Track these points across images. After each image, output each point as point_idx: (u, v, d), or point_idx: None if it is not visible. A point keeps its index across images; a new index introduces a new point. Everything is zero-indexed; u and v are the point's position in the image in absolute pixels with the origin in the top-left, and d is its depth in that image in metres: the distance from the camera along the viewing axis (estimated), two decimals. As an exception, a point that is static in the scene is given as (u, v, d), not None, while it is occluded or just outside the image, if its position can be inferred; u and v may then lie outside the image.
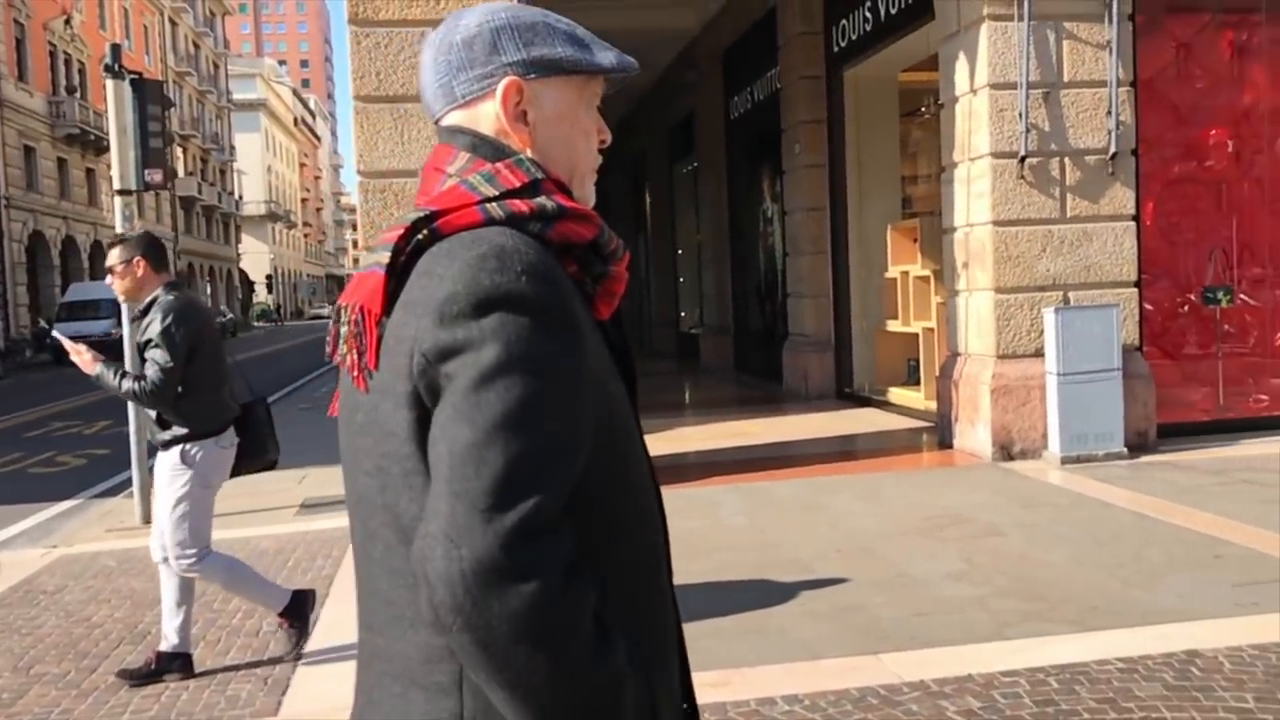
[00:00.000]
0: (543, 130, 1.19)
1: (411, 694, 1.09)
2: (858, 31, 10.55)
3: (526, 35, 1.17)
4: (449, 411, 1.00)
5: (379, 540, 1.11)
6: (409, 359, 1.03)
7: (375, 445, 1.09)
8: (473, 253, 1.03)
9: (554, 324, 1.03)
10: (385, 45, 6.73)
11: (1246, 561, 4.87)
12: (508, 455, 0.97)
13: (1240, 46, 8.99)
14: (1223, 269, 9.04)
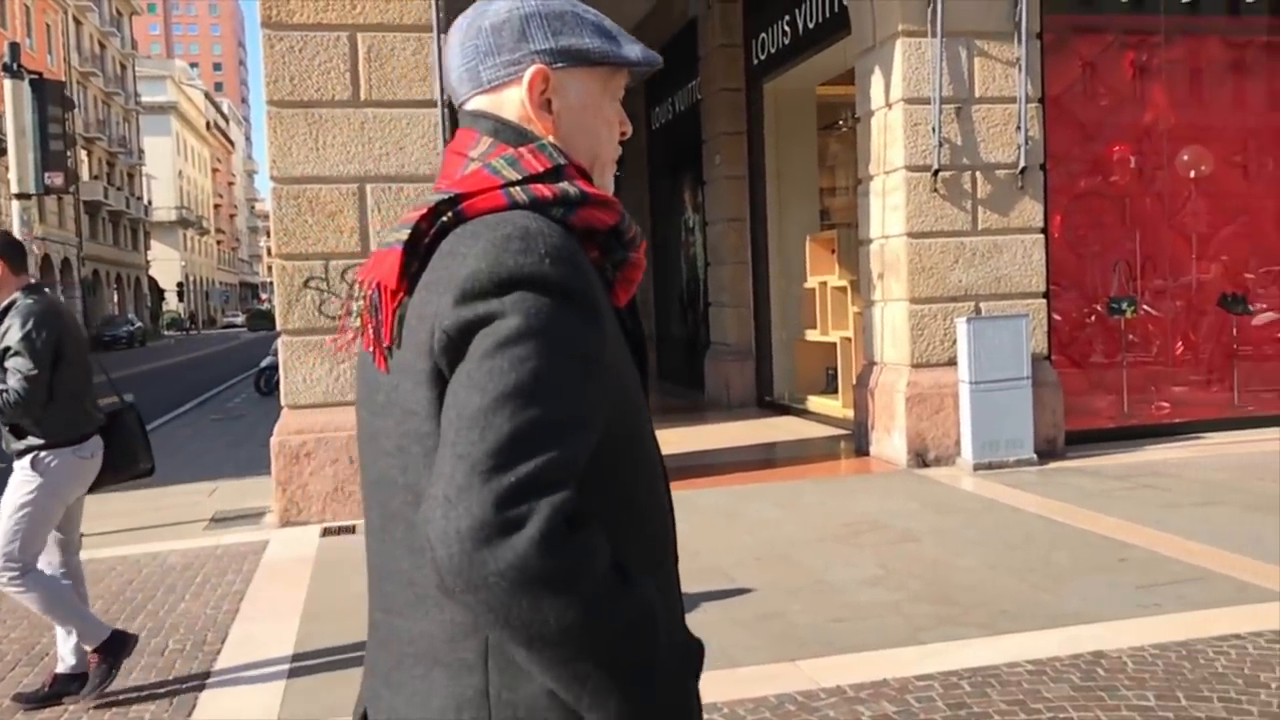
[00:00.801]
0: (567, 119, 1.19)
1: (435, 673, 1.08)
2: (777, 45, 10.69)
3: (555, 24, 1.18)
4: (462, 379, 1.00)
5: (400, 520, 1.10)
6: (430, 336, 1.03)
7: (396, 425, 1.09)
8: (497, 233, 1.04)
9: (575, 306, 1.03)
10: (299, 49, 6.61)
11: (1149, 564, 5.03)
12: (514, 423, 0.96)
13: (1141, 66, 9.33)
14: (1127, 281, 9.36)
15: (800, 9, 9.99)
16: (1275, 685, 3.53)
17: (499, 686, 1.06)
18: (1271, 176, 9.75)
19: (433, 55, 6.76)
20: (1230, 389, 9.42)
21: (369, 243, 6.73)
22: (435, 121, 6.77)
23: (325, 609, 4.88)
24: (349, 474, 6.62)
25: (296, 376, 6.67)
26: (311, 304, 6.67)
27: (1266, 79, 9.59)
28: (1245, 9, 9.38)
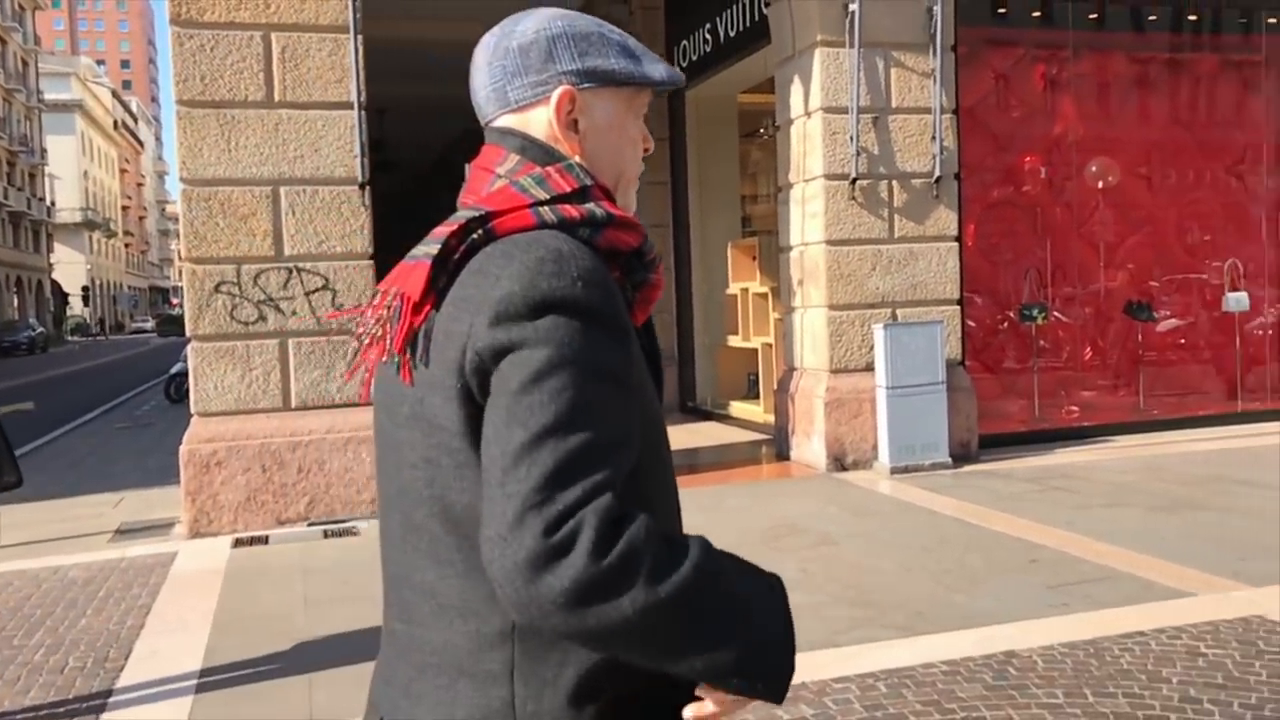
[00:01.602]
0: (592, 139, 1.21)
1: (460, 684, 1.10)
2: (698, 52, 10.75)
3: (581, 45, 1.20)
4: (502, 414, 1.00)
5: (425, 532, 1.12)
6: (460, 354, 1.05)
7: (424, 438, 1.10)
8: (531, 255, 1.05)
9: (606, 328, 1.04)
10: (210, 48, 6.44)
11: (1058, 565, 5.15)
12: (556, 455, 0.97)
13: (1052, 79, 9.59)
14: (1038, 288, 9.61)
15: (721, 17, 10.06)
16: (1176, 680, 3.64)
17: (524, 698, 1.07)
18: (1174, 188, 10.10)
19: (350, 56, 6.64)
20: (1136, 393, 9.73)
21: (283, 246, 6.59)
22: (352, 124, 6.66)
23: (236, 621, 4.75)
24: (261, 483, 6.46)
25: (207, 383, 6.49)
26: (223, 309, 6.50)
27: (1169, 94, 9.95)
28: (1149, 26, 9.72)
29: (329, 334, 6.67)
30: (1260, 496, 6.54)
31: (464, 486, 1.07)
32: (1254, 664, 3.77)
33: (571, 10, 1.25)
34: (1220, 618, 4.26)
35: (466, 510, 1.07)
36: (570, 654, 1.07)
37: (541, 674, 1.07)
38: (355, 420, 6.67)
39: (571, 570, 0.94)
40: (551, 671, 1.08)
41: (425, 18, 13.13)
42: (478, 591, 1.09)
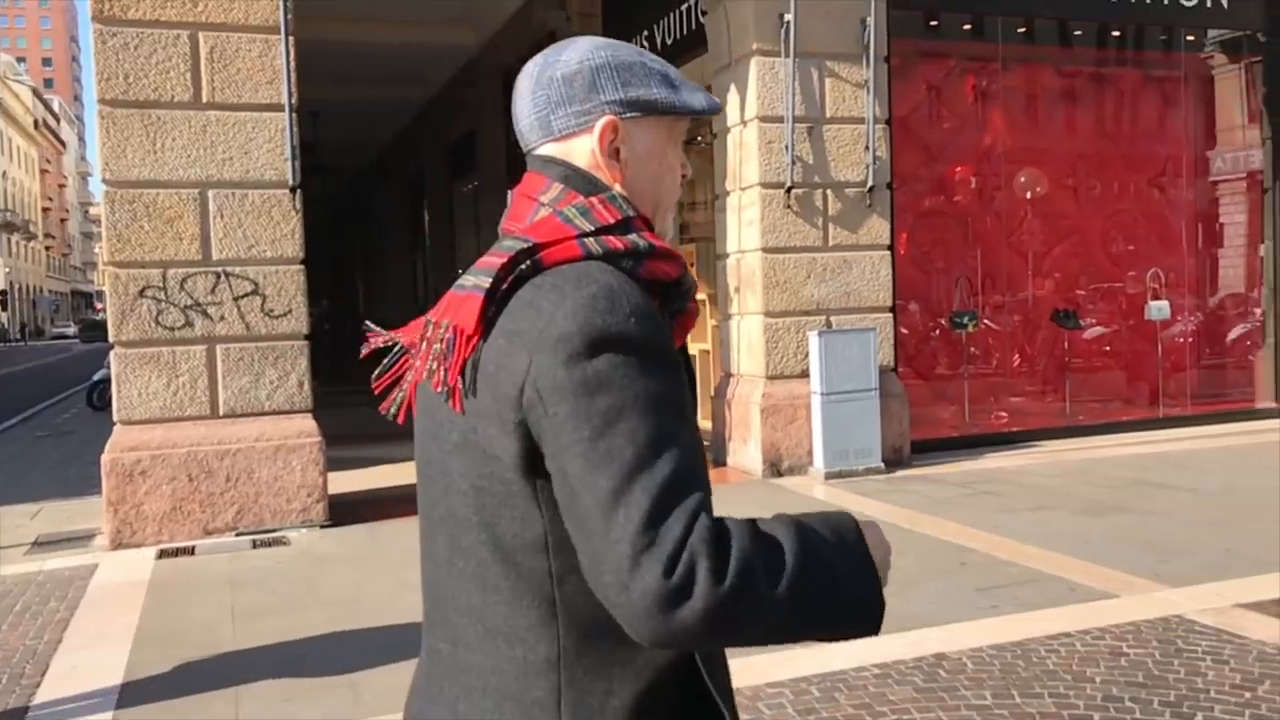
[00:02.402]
0: (634, 167, 1.24)
1: (506, 708, 1.12)
2: (635, 59, 10.76)
3: (624, 75, 1.22)
4: (581, 461, 1.02)
5: (473, 557, 1.14)
6: (518, 391, 1.07)
7: (474, 466, 1.12)
8: (583, 292, 1.07)
9: (660, 361, 1.08)
10: (135, 46, 6.29)
11: (987, 568, 5.24)
12: (649, 493, 1.01)
13: (982, 92, 9.79)
14: (968, 296, 9.79)
15: (659, 25, 10.10)
16: (1100, 680, 3.72)
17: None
18: (1099, 199, 10.37)
19: (281, 57, 6.53)
20: (1063, 399, 9.95)
21: (211, 250, 6.45)
22: (283, 126, 6.55)
23: (159, 634, 4.63)
24: (187, 492, 6.31)
25: (131, 390, 6.32)
26: (148, 314, 6.34)
27: (1094, 107, 10.21)
28: (1075, 41, 9.97)
29: (259, 340, 6.55)
30: (1179, 500, 6.72)
31: (514, 515, 1.10)
32: (1173, 662, 3.87)
33: (612, 39, 1.28)
34: (1142, 618, 4.37)
35: (515, 539, 1.11)
36: (616, 684, 1.11)
37: (589, 703, 1.10)
38: (286, 428, 6.56)
39: (700, 603, 0.98)
40: (598, 700, 1.11)
41: (359, 19, 12.98)
42: (525, 618, 1.12)
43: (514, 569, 1.12)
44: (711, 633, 1.00)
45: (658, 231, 1.25)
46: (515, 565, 1.11)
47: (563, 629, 1.11)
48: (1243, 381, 10.34)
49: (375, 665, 4.16)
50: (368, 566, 5.72)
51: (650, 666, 1.12)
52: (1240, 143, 10.41)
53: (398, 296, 23.74)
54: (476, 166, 16.53)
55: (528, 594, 1.11)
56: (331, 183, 21.00)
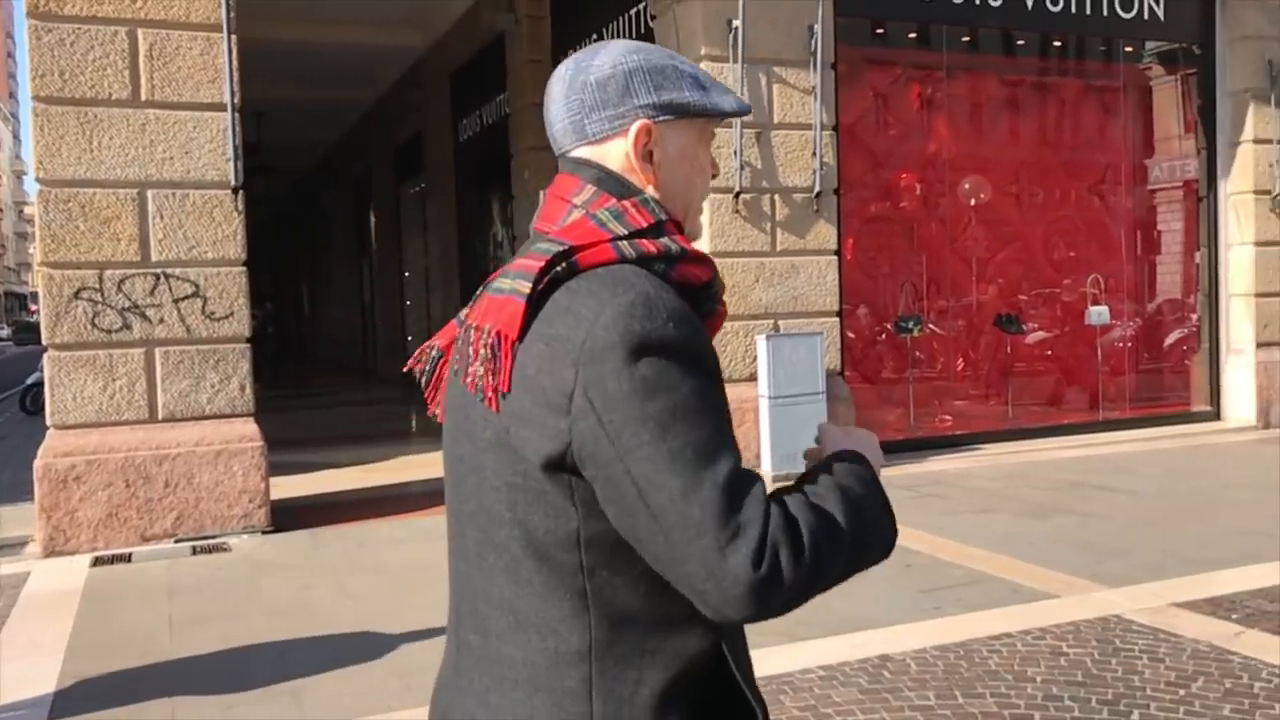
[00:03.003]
0: (666, 170, 1.26)
1: (537, 698, 1.15)
2: (584, 62, 10.75)
3: (657, 79, 1.25)
4: (646, 464, 1.07)
5: (504, 551, 1.18)
6: (566, 400, 1.10)
7: (507, 464, 1.15)
8: (621, 300, 1.11)
9: (700, 362, 1.12)
10: (71, 43, 6.14)
11: (932, 570, 5.29)
12: (719, 489, 1.06)
13: (927, 99, 9.92)
14: (913, 301, 9.90)
15: (608, 29, 10.09)
16: (1040, 679, 3.77)
17: (602, 714, 1.13)
18: (1041, 206, 10.55)
19: (223, 56, 6.42)
20: (1005, 403, 10.10)
21: (150, 251, 6.32)
22: (225, 125, 6.44)
23: (93, 644, 4.51)
24: (124, 498, 6.17)
25: (65, 394, 6.17)
26: (84, 316, 6.19)
27: (1036, 116, 10.39)
28: (1018, 50, 10.13)
29: (200, 342, 6.42)
30: (1118, 501, 6.85)
31: (547, 512, 1.14)
32: (1110, 661, 3.94)
33: (643, 43, 1.30)
34: (1081, 618, 4.44)
35: (548, 534, 1.14)
36: (646, 672, 1.15)
37: (619, 692, 1.14)
38: (227, 432, 6.44)
39: (787, 586, 1.07)
40: (628, 689, 1.14)
41: (304, 19, 12.81)
42: (557, 610, 1.15)
43: (546, 563, 1.15)
44: (794, 606, 1.10)
45: (687, 232, 1.28)
46: (547, 559, 1.15)
47: (594, 620, 1.14)
48: (1179, 385, 10.57)
49: (317, 672, 4.10)
50: (310, 573, 5.63)
51: (679, 657, 1.16)
52: (1177, 152, 10.65)
53: (343, 299, 23.49)
54: (423, 168, 16.40)
55: (559, 587, 1.15)
56: (276, 184, 20.71)
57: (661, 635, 1.15)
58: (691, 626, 1.16)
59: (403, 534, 6.44)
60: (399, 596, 5.13)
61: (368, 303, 21.29)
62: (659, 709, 1.14)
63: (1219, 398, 10.10)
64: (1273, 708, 3.48)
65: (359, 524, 6.72)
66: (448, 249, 15.64)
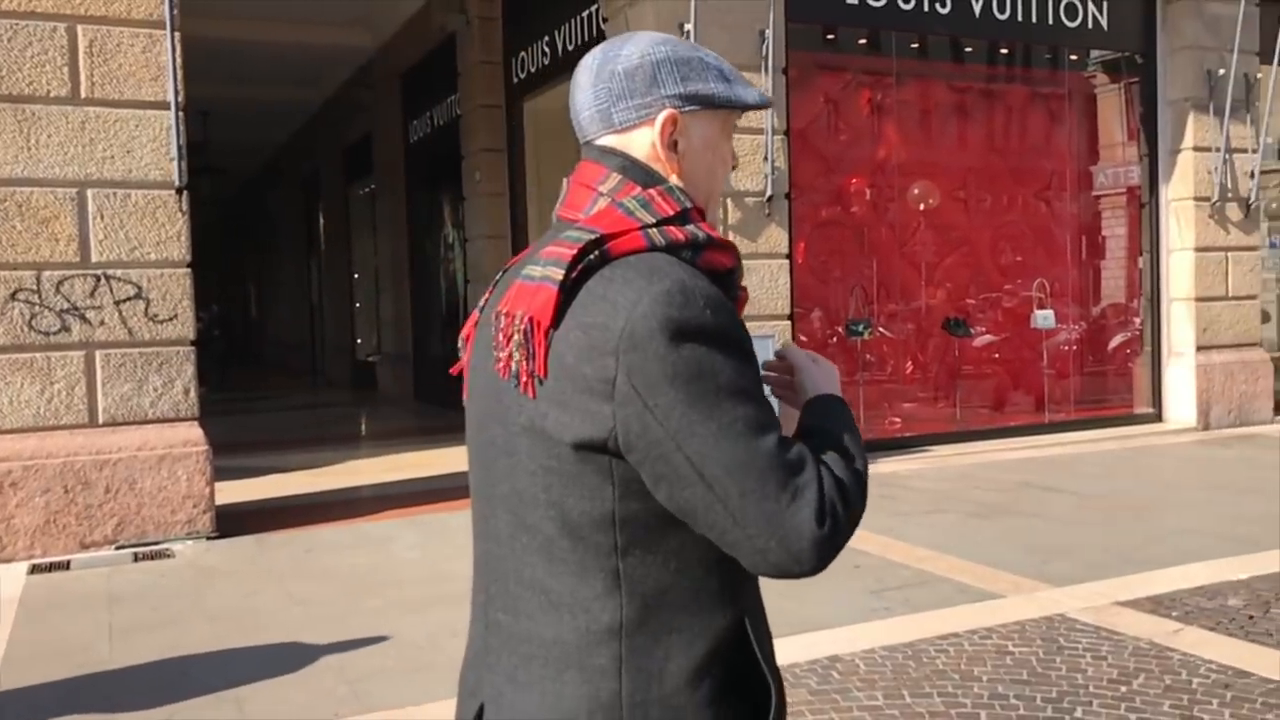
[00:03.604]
0: (690, 159, 1.30)
1: (567, 675, 1.18)
2: (537, 64, 10.72)
3: (683, 70, 1.28)
4: (699, 441, 1.12)
5: (538, 533, 1.20)
6: (608, 385, 1.13)
7: (543, 448, 1.18)
8: (658, 287, 1.14)
9: (736, 344, 1.17)
10: (8, 39, 5.99)
11: (881, 570, 5.33)
12: (771, 457, 1.14)
13: (877, 105, 10.01)
14: (863, 304, 9.98)
15: (560, 31, 10.07)
16: (986, 679, 3.81)
17: (631, 690, 1.17)
18: (989, 211, 10.69)
19: (166, 53, 6.30)
20: (954, 405, 10.22)
21: (90, 252, 6.18)
22: (168, 124, 6.32)
23: (30, 654, 4.40)
24: (63, 504, 6.02)
25: (1, 398, 6.01)
26: (20, 318, 6.04)
27: (984, 122, 10.53)
28: (967, 57, 10.26)
29: (142, 345, 6.30)
30: (1063, 502, 6.95)
31: (583, 494, 1.17)
32: (1055, 659, 3.99)
33: (669, 35, 1.33)
34: (1027, 617, 4.50)
35: (583, 515, 1.17)
36: (674, 649, 1.18)
37: (648, 668, 1.17)
38: (171, 437, 6.32)
39: (843, 537, 1.17)
40: (657, 665, 1.18)
41: (251, 18, 12.64)
42: (589, 589, 1.18)
43: (580, 543, 1.18)
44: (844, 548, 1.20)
45: (709, 220, 1.31)
46: (581, 540, 1.18)
47: (625, 599, 1.18)
48: (1122, 388, 10.76)
49: (262, 679, 4.03)
50: (255, 579, 5.54)
51: (705, 634, 1.20)
52: (1121, 159, 10.86)
53: (292, 300, 23.21)
54: (374, 169, 16.25)
55: (593, 567, 1.18)
56: (222, 184, 20.39)
57: (690, 613, 1.19)
58: (718, 604, 1.21)
59: (351, 539, 6.37)
60: (347, 602, 5.07)
61: (316, 304, 21.05)
62: (687, 684, 1.18)
63: (1161, 400, 10.31)
64: (1210, 703, 3.55)
65: (307, 529, 6.64)
66: (398, 250, 15.51)
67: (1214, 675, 3.79)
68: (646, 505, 1.17)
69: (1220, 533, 5.90)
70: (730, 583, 1.23)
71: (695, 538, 1.18)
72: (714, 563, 1.20)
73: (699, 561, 1.19)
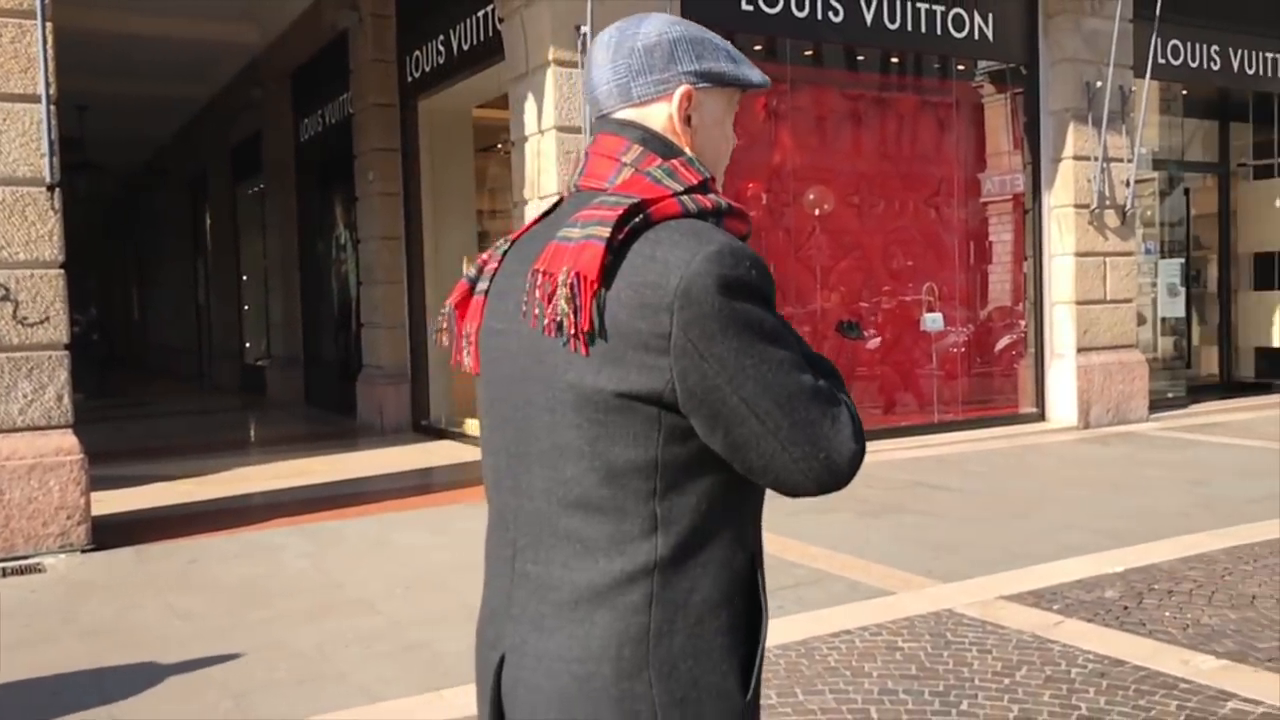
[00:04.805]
0: (701, 134, 1.39)
1: (598, 614, 1.27)
2: (431, 64, 10.57)
3: (698, 48, 1.37)
4: (753, 384, 1.24)
5: (576, 485, 1.28)
6: (664, 340, 1.22)
7: (591, 402, 1.25)
8: (709, 249, 1.23)
9: (771, 299, 1.29)
10: None
11: (775, 569, 5.36)
12: (814, 388, 1.28)
13: (773, 111, 10.12)
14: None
15: (455, 30, 9.95)
16: (876, 674, 3.87)
17: (660, 622, 1.26)
18: (881, 216, 10.91)
19: (37, 44, 6.01)
20: (847, 406, 10.38)
21: (-47, 250, 5.85)
22: (39, 119, 6.02)
23: (-117, 679, 4.13)
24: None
25: None
26: (-124, 320, 5.68)
27: (877, 129, 10.75)
28: (860, 65, 10.47)
29: (10, 350, 5.99)
30: (951, 500, 7.14)
31: (628, 443, 1.25)
32: (943, 654, 4.08)
33: (682, 18, 1.41)
34: (915, 613, 4.59)
35: (627, 464, 1.25)
36: (698, 581, 1.29)
37: (675, 600, 1.27)
38: (42, 445, 6.02)
39: (864, 453, 1.32)
40: (682, 597, 1.28)
41: (132, 9, 12.18)
42: (628, 533, 1.27)
43: (621, 490, 1.26)
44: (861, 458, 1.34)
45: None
46: (623, 486, 1.26)
47: (661, 538, 1.27)
48: (1008, 388, 11.11)
49: (138, 693, 3.87)
50: (134, 592, 5.32)
51: (725, 567, 1.30)
52: (1007, 167, 11.21)
53: (177, 303, 22.42)
54: (263, 168, 15.81)
55: (632, 511, 1.26)
56: (102, 181, 19.57)
57: (713, 548, 1.29)
58: (735, 543, 1.32)
59: (238, 548, 6.17)
60: (233, 614, 4.90)
61: (203, 307, 20.37)
62: (709, 614, 1.28)
63: (1044, 400, 10.68)
64: (1087, 691, 3.68)
65: (191, 539, 6.40)
66: (288, 252, 15.13)
67: (1091, 665, 3.92)
68: (685, 448, 1.26)
69: (1098, 528, 6.13)
70: (745, 524, 1.34)
71: (720, 480, 1.29)
72: (734, 504, 1.32)
73: (722, 502, 1.30)
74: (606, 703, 1.26)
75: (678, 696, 1.26)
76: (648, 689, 1.26)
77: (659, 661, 1.26)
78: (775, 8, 9.15)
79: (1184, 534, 5.89)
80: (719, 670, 1.29)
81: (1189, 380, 12.65)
